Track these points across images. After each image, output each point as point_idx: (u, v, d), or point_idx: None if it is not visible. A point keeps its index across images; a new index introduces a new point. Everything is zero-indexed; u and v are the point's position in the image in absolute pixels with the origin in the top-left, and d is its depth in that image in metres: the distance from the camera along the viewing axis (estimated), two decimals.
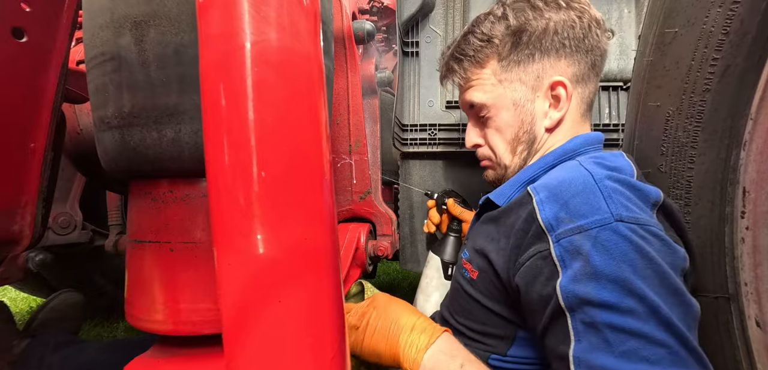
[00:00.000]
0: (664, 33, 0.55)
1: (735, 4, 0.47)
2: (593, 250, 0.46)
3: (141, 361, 0.58)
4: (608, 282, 0.44)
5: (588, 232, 0.47)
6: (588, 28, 0.63)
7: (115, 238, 1.38)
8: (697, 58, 0.52)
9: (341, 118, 1.15)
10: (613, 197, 0.48)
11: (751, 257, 0.50)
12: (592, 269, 0.45)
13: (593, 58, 0.64)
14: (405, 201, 1.19)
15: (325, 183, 0.39)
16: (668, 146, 0.56)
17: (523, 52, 0.64)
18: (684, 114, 0.54)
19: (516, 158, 0.67)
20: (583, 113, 0.66)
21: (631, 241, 0.45)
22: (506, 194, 0.64)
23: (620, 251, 0.45)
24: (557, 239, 0.49)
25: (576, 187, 0.50)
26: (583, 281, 0.46)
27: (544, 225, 0.50)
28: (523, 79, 0.65)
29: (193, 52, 0.51)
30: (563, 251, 0.48)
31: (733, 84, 0.50)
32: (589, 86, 0.66)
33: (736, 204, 0.51)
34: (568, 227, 0.48)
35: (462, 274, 0.66)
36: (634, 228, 0.46)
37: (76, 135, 1.22)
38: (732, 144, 0.51)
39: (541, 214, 0.51)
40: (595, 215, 0.47)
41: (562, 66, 0.63)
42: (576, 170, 0.53)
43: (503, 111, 0.66)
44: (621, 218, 0.46)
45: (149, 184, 0.58)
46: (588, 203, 0.48)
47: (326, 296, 0.39)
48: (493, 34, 0.66)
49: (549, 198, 0.52)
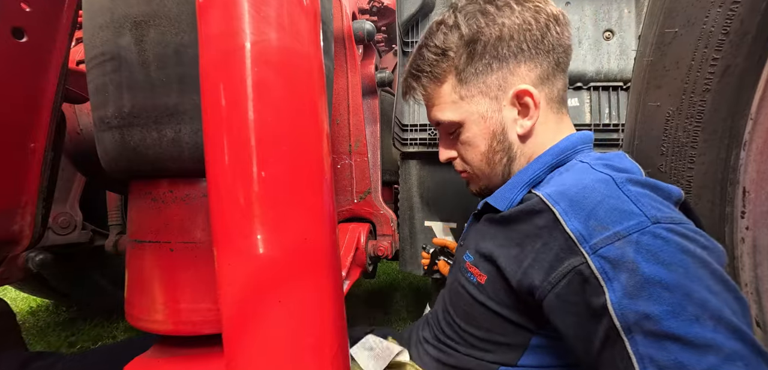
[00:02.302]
0: (664, 33, 0.55)
1: (735, 4, 0.47)
2: (639, 257, 0.42)
3: (141, 361, 0.58)
4: (664, 291, 0.40)
5: (627, 238, 0.43)
6: (545, 27, 0.60)
7: (115, 238, 1.38)
8: (697, 58, 0.52)
9: (341, 118, 1.15)
10: (641, 199, 0.45)
11: (751, 257, 0.50)
12: (643, 278, 0.41)
13: (556, 57, 0.61)
14: (405, 201, 1.19)
15: (325, 183, 0.39)
16: (668, 146, 0.56)
17: (480, 63, 0.61)
18: (684, 114, 0.54)
19: (496, 167, 0.65)
20: (557, 110, 0.64)
21: (675, 242, 0.42)
22: (507, 197, 0.61)
23: (668, 254, 0.41)
24: (593, 251, 0.44)
25: (599, 193, 0.47)
26: (637, 295, 0.41)
27: (575, 236, 0.46)
28: (485, 91, 0.62)
29: (193, 52, 0.51)
30: (604, 262, 0.43)
31: (733, 84, 0.50)
32: (556, 84, 0.63)
33: (736, 204, 0.51)
34: (603, 235, 0.44)
35: (467, 278, 0.63)
36: (672, 228, 0.43)
37: (76, 135, 1.22)
38: (732, 144, 0.51)
39: (568, 225, 0.47)
40: (630, 220, 0.44)
41: (523, 71, 0.60)
42: (590, 174, 0.50)
43: (472, 126, 0.64)
44: (657, 220, 0.43)
45: (149, 184, 0.58)
46: (617, 208, 0.45)
47: (326, 296, 0.39)
48: (448, 46, 0.63)
49: (572, 207, 0.48)
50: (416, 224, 1.18)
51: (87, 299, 1.74)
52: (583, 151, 0.60)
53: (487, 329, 0.58)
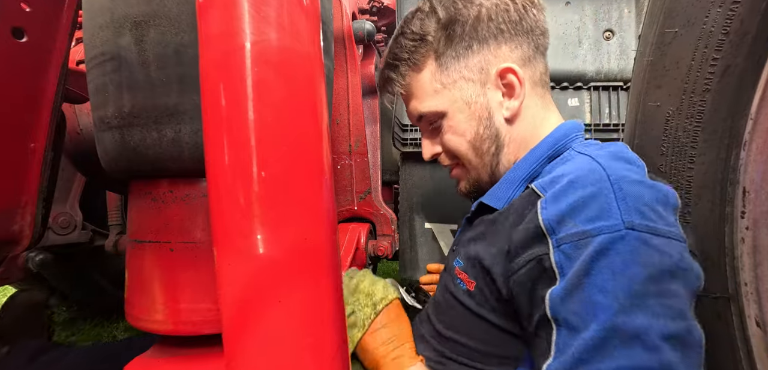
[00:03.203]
0: (664, 33, 0.55)
1: (735, 4, 0.47)
2: (596, 258, 0.42)
3: (141, 361, 0.58)
4: (607, 294, 0.41)
5: (594, 239, 0.42)
6: (523, 9, 0.59)
7: (115, 238, 1.38)
8: (697, 58, 0.52)
9: (341, 118, 1.15)
10: (627, 200, 0.44)
11: (751, 257, 0.50)
12: (588, 281, 0.42)
13: (535, 39, 0.60)
14: (405, 202, 1.19)
15: (325, 183, 0.39)
16: (668, 146, 0.56)
17: (460, 45, 0.59)
18: (684, 114, 0.54)
19: (485, 157, 0.62)
20: (541, 95, 0.62)
21: (640, 253, 0.41)
22: (503, 195, 0.59)
23: (626, 262, 0.41)
24: (558, 244, 0.44)
25: (587, 186, 0.46)
26: (576, 293, 0.42)
27: (545, 227, 0.46)
28: (467, 75, 0.60)
29: (193, 52, 0.51)
30: (563, 256, 0.44)
31: (733, 84, 0.50)
32: (537, 67, 0.61)
33: (736, 204, 0.51)
34: (571, 231, 0.44)
35: (456, 285, 0.60)
36: (646, 239, 0.42)
37: (76, 135, 1.22)
38: (732, 144, 0.51)
39: (542, 214, 0.47)
40: (605, 220, 0.43)
41: (505, 52, 0.59)
42: (588, 165, 0.49)
43: (457, 113, 0.61)
44: (632, 226, 0.42)
45: (149, 184, 0.58)
46: (598, 205, 0.44)
47: (326, 296, 0.39)
48: (425, 31, 0.61)
49: (554, 196, 0.47)
50: (416, 227, 1.18)
51: (87, 299, 1.74)
52: (577, 139, 0.59)
53: (484, 340, 0.56)
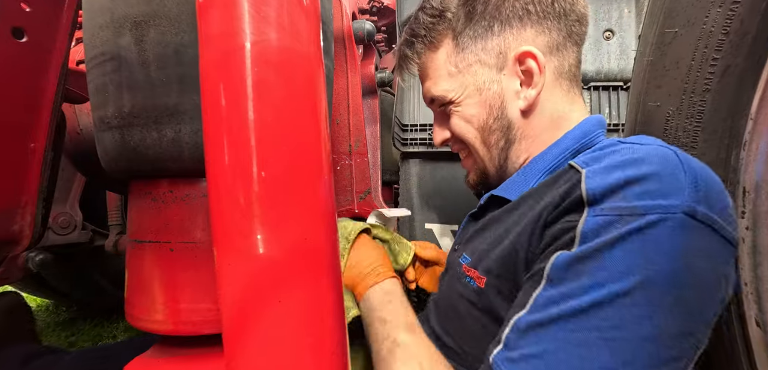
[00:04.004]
0: (664, 33, 0.55)
1: (735, 4, 0.47)
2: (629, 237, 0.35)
3: (141, 361, 0.58)
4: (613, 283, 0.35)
5: (641, 218, 0.35)
6: None
7: (115, 238, 1.38)
8: (697, 58, 0.52)
9: (341, 118, 1.15)
10: (698, 182, 0.37)
11: (751, 257, 0.50)
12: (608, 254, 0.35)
13: (568, 25, 0.54)
14: (405, 202, 1.19)
15: (325, 183, 0.39)
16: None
17: (480, 25, 0.54)
18: (684, 114, 0.54)
19: (492, 150, 0.57)
20: (567, 90, 0.56)
21: (685, 251, 0.35)
22: (520, 188, 0.53)
23: (663, 258, 0.35)
24: (595, 214, 0.37)
25: (650, 163, 0.38)
26: (587, 261, 0.36)
27: (587, 195, 0.38)
28: (483, 58, 0.55)
29: (193, 52, 0.51)
30: (594, 226, 0.37)
31: (733, 84, 0.50)
32: (567, 57, 0.55)
33: (736, 204, 0.51)
34: (618, 204, 0.37)
35: (464, 283, 0.54)
36: (702, 233, 0.35)
37: (76, 135, 1.22)
38: (732, 144, 0.51)
39: (586, 184, 0.39)
40: (663, 199, 0.35)
41: (529, 35, 0.53)
42: (650, 143, 0.41)
43: (467, 100, 0.57)
44: (694, 213, 0.35)
45: (149, 184, 0.58)
46: (662, 182, 0.36)
47: (326, 296, 0.39)
48: (445, 7, 0.57)
49: (607, 168, 0.40)
50: (416, 227, 1.18)
51: (87, 299, 1.74)
52: (601, 135, 0.55)
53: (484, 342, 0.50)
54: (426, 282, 0.82)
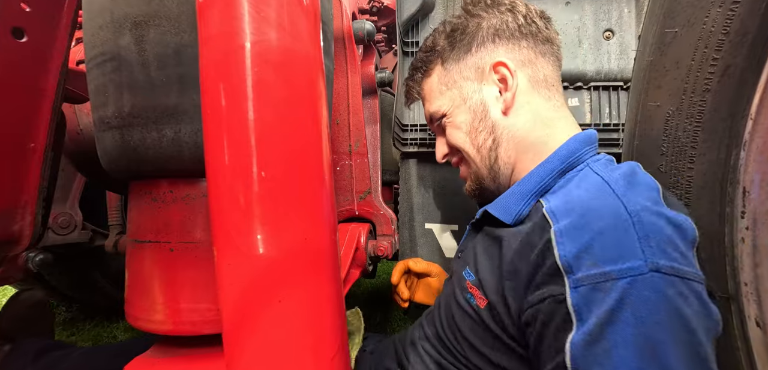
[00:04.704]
0: (664, 33, 0.55)
1: (735, 4, 0.47)
2: (619, 307, 0.39)
3: (141, 361, 0.58)
4: (632, 347, 0.38)
5: (616, 282, 0.40)
6: (525, 18, 0.63)
7: (115, 238, 1.37)
8: (697, 58, 0.52)
9: (341, 118, 1.15)
10: (650, 237, 0.41)
11: (751, 257, 0.50)
12: (611, 331, 0.39)
13: (537, 44, 0.63)
14: (405, 202, 1.19)
15: (325, 183, 0.39)
16: (668, 146, 0.56)
17: (461, 49, 0.66)
18: (684, 114, 0.54)
19: (482, 151, 0.64)
20: (548, 97, 0.63)
21: (667, 298, 0.39)
22: (513, 209, 0.57)
23: (652, 310, 0.39)
24: (575, 285, 0.42)
25: (604, 219, 0.43)
26: (599, 344, 0.40)
27: (562, 265, 0.43)
28: (465, 74, 0.66)
29: (193, 52, 0.51)
30: (582, 300, 0.41)
31: (733, 84, 0.50)
32: (540, 69, 0.63)
33: (736, 204, 0.51)
34: (592, 272, 0.41)
35: (466, 299, 0.59)
36: (672, 281, 0.40)
37: (76, 135, 1.22)
38: (732, 144, 0.51)
39: (558, 250, 0.44)
40: (627, 262, 0.40)
41: (501, 53, 0.63)
42: (602, 193, 0.46)
43: (455, 110, 0.67)
44: (658, 268, 0.40)
45: (149, 184, 0.58)
46: (619, 243, 0.42)
47: (326, 296, 0.39)
48: (436, 43, 0.70)
49: (570, 230, 0.45)
50: (416, 227, 1.18)
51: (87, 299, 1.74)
52: (590, 153, 0.58)
53: (489, 357, 0.55)
54: (421, 296, 0.90)
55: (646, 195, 0.46)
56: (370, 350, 0.84)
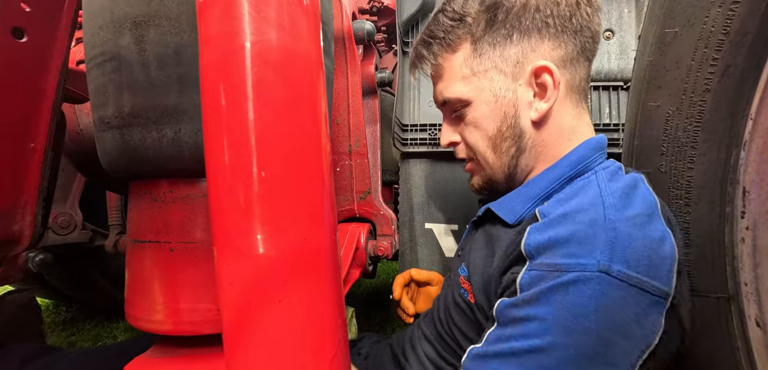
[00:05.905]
0: (664, 33, 0.55)
1: (735, 4, 0.47)
2: (554, 290, 0.42)
3: (141, 361, 0.58)
4: (545, 323, 0.42)
5: (563, 274, 0.42)
6: (576, 4, 0.54)
7: (115, 238, 1.37)
8: (697, 58, 0.52)
9: (341, 118, 1.15)
10: (615, 244, 0.42)
11: (751, 257, 0.50)
12: (537, 304, 0.43)
13: (582, 41, 0.55)
14: (405, 202, 1.19)
15: (325, 183, 0.39)
16: (668, 146, 0.56)
17: (500, 32, 0.55)
18: (684, 114, 0.54)
19: (503, 157, 0.58)
20: (576, 103, 0.57)
21: (603, 299, 0.40)
22: (517, 210, 0.56)
23: (581, 304, 0.41)
24: (530, 269, 0.45)
25: (579, 225, 0.44)
26: (521, 305, 0.44)
27: (525, 251, 0.46)
28: (500, 66, 0.55)
29: (193, 52, 0.51)
30: (529, 278, 0.45)
31: (733, 84, 0.50)
32: (578, 71, 0.56)
33: (736, 204, 0.51)
34: (547, 261, 0.44)
35: (459, 293, 0.59)
36: (618, 286, 0.40)
37: (76, 135, 1.22)
38: (732, 144, 0.51)
39: (526, 239, 0.47)
40: (580, 259, 0.42)
41: (546, 48, 0.54)
42: (593, 205, 0.46)
43: (481, 104, 0.57)
44: (608, 271, 0.41)
45: (149, 184, 0.58)
46: (581, 244, 0.43)
47: (326, 297, 0.39)
48: (466, 12, 0.57)
49: (542, 227, 0.47)
50: (416, 227, 1.18)
51: (87, 299, 1.74)
52: (598, 160, 0.56)
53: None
54: (422, 305, 0.87)
55: (637, 209, 0.45)
56: (364, 354, 0.84)
